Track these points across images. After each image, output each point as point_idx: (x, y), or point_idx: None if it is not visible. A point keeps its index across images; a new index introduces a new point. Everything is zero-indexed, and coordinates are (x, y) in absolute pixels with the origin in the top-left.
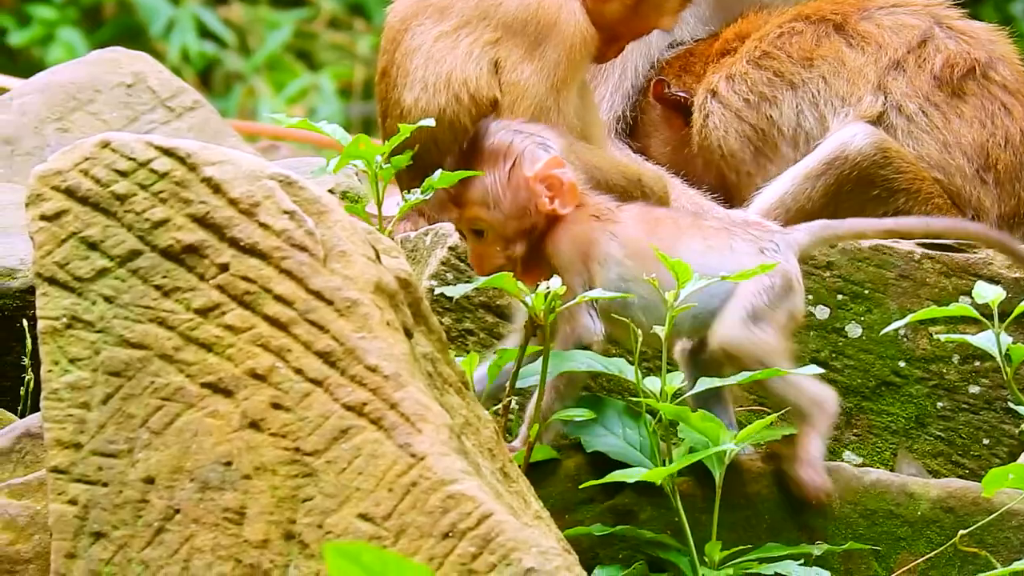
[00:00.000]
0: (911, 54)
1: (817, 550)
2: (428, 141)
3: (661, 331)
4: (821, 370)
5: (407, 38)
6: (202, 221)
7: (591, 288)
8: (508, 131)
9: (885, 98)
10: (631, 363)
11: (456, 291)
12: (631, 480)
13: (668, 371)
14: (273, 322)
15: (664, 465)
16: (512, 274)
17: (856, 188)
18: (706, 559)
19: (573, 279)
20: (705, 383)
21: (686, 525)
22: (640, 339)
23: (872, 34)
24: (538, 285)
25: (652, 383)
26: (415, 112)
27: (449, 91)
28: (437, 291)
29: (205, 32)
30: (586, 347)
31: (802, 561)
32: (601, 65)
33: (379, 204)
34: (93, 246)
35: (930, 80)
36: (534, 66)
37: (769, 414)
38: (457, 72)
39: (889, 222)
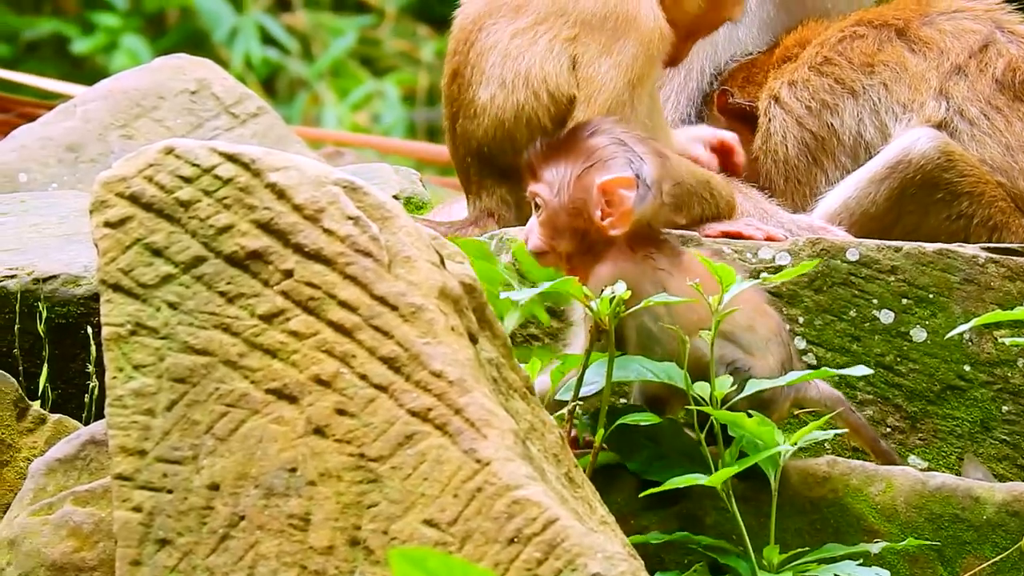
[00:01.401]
0: (973, 59)
1: (875, 548)
2: (504, 140)
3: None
4: (870, 371)
5: (481, 37)
6: (266, 227)
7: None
8: (610, 136)
9: (947, 103)
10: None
11: (521, 295)
12: (699, 483)
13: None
14: (337, 328)
15: (717, 467)
16: (576, 280)
17: (920, 192)
18: (765, 562)
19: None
20: (755, 385)
21: (743, 529)
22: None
23: (934, 39)
24: (603, 291)
25: (702, 388)
26: (491, 110)
27: (528, 88)
28: (502, 295)
29: (268, 39)
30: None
31: (861, 561)
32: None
33: None
34: (157, 252)
35: (992, 84)
36: (612, 60)
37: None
38: (536, 69)
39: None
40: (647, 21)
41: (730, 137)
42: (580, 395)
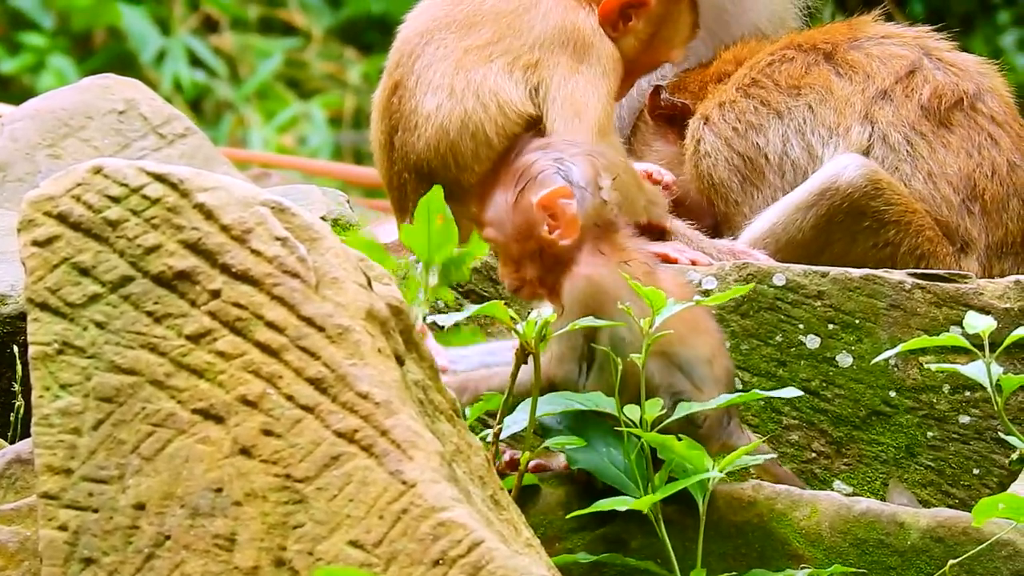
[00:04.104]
0: (899, 84)
1: (801, 574)
2: (447, 153)
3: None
4: (800, 392)
5: (430, 50)
6: (194, 247)
7: (592, 339)
8: (537, 151)
9: (872, 128)
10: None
11: (447, 319)
12: (621, 508)
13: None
14: (264, 348)
15: (647, 491)
16: (503, 304)
17: (847, 219)
18: None
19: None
20: (684, 408)
21: (671, 552)
22: (620, 369)
23: (861, 63)
24: (529, 313)
25: (632, 411)
26: (436, 118)
27: (477, 98)
28: (429, 319)
29: (196, 61)
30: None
31: None
32: None
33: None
34: (85, 272)
35: (917, 110)
36: (584, 78)
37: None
38: (489, 82)
39: None
40: (605, 46)
41: (655, 169)
42: (507, 433)
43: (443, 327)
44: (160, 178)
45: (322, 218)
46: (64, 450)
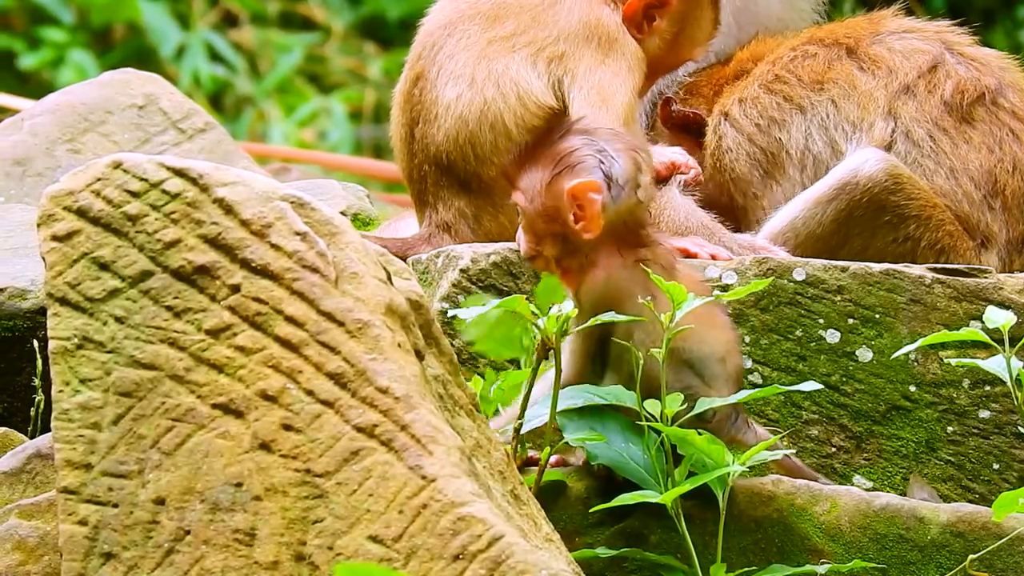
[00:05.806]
0: (921, 79)
1: (821, 569)
2: (466, 144)
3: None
4: (819, 386)
5: (452, 41)
6: (214, 242)
7: (605, 339)
8: (581, 137)
9: (895, 123)
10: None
11: (468, 313)
12: (652, 500)
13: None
14: (284, 343)
15: (667, 486)
16: (524, 298)
17: (867, 214)
18: None
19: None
20: (705, 403)
21: (691, 547)
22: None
23: (883, 58)
24: (550, 308)
25: (652, 405)
26: (456, 108)
27: (498, 88)
28: (451, 312)
29: (216, 56)
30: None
31: None
32: None
33: None
34: (104, 266)
35: (940, 106)
36: (610, 69)
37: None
38: (511, 72)
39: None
40: (630, 42)
41: (680, 159)
42: (527, 428)
43: (465, 319)
44: (180, 173)
45: (342, 213)
46: (84, 445)
